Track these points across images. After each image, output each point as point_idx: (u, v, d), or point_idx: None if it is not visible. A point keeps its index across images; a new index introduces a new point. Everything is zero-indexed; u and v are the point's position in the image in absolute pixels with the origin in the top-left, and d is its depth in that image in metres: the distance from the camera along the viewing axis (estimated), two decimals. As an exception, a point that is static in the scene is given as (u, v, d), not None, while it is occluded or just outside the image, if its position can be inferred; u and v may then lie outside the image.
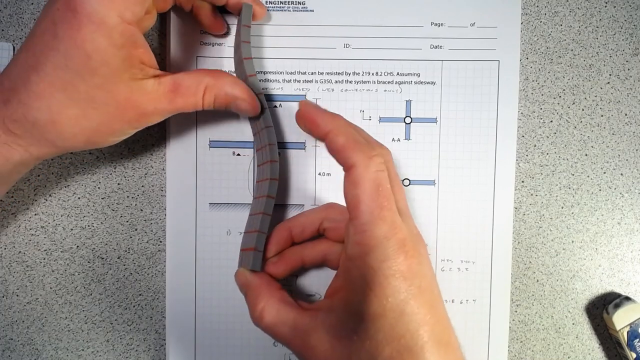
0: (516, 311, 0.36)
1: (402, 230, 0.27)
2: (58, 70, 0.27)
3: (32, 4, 0.35)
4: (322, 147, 0.35)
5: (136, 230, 0.36)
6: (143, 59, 0.28)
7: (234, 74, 0.34)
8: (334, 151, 0.29)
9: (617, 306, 0.35)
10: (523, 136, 0.36)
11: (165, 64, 0.35)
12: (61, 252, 0.36)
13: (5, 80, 0.28)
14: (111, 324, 0.36)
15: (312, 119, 0.30)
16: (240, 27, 0.32)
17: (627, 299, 0.35)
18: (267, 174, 0.31)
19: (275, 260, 0.32)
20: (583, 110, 0.36)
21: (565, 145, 0.36)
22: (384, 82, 0.35)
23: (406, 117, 0.35)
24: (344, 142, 0.28)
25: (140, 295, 0.36)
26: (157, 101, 0.29)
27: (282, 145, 0.35)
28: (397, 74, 0.35)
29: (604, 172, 0.36)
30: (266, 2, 0.35)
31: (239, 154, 0.35)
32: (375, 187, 0.27)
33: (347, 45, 0.35)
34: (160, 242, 0.36)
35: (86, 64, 0.26)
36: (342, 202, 0.29)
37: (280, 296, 0.30)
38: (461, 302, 0.35)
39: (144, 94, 0.28)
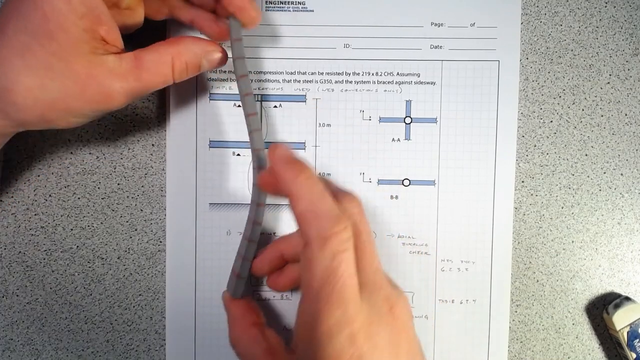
0: (516, 311, 0.36)
1: (356, 320, 0.24)
2: (18, 34, 0.26)
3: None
4: (322, 147, 0.35)
5: (136, 230, 0.36)
6: (106, 37, 0.27)
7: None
8: (294, 218, 0.26)
9: (617, 306, 0.35)
10: (523, 136, 0.36)
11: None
12: (61, 252, 0.36)
13: None
14: (111, 324, 0.36)
15: (277, 173, 0.27)
16: (231, 42, 0.30)
17: (627, 299, 0.35)
18: (254, 196, 0.31)
19: (276, 276, 0.33)
20: (583, 110, 0.36)
21: (565, 145, 0.36)
22: (384, 82, 0.35)
23: (406, 117, 0.35)
24: (301, 212, 0.25)
25: (140, 295, 0.36)
26: (123, 78, 0.27)
27: (282, 145, 0.35)
28: (397, 74, 0.35)
29: (604, 172, 0.36)
30: (266, 2, 0.35)
31: (239, 154, 0.35)
32: (327, 276, 0.24)
33: (347, 45, 0.35)
34: (160, 242, 0.36)
35: (43, 26, 0.26)
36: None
37: (251, 334, 0.30)
38: (461, 302, 0.35)
39: (106, 71, 0.27)
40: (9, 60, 0.26)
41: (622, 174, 0.36)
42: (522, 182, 0.36)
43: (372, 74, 0.35)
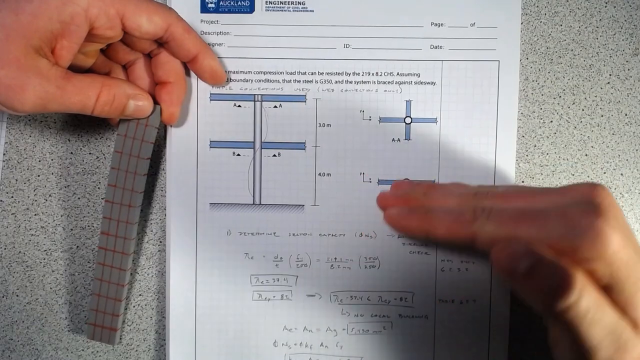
0: (516, 311, 0.36)
1: None
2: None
3: (32, 4, 0.35)
4: (322, 147, 0.35)
5: (136, 230, 0.36)
6: (58, 52, 0.28)
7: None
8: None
9: (617, 306, 0.35)
10: (523, 136, 0.36)
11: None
12: (61, 252, 0.36)
13: None
14: (111, 324, 0.36)
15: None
16: (145, 126, 0.33)
17: (627, 299, 0.35)
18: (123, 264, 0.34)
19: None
20: (583, 110, 0.36)
21: (565, 145, 0.36)
22: (384, 82, 0.35)
23: (406, 117, 0.35)
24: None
25: (140, 295, 0.36)
26: (45, 79, 0.27)
27: (282, 146, 0.35)
28: (397, 74, 0.35)
29: (604, 172, 0.36)
30: (266, 2, 0.35)
31: (239, 154, 0.35)
32: None
33: (347, 45, 0.35)
34: (160, 242, 0.36)
35: (24, 3, 0.27)
36: (341, 202, 0.29)
37: None
38: (461, 302, 0.35)
39: (33, 65, 0.27)
40: None
41: (622, 174, 0.36)
42: (522, 182, 0.36)
43: (372, 74, 0.35)
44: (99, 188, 0.36)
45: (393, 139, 0.35)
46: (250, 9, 0.35)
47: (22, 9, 0.26)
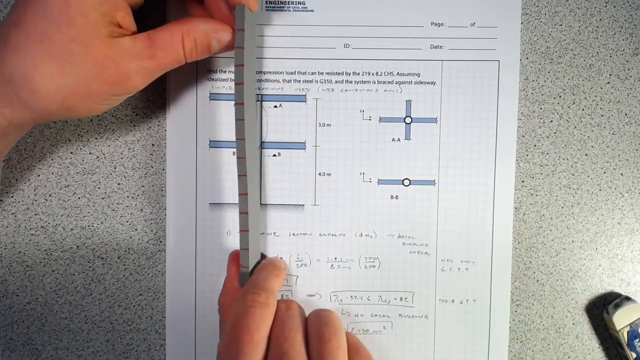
0: (516, 311, 0.36)
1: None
2: (37, 22, 0.26)
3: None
4: (322, 147, 0.35)
5: (136, 230, 0.36)
6: (122, 22, 0.28)
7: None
8: None
9: (617, 306, 0.35)
10: (523, 136, 0.36)
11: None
12: (61, 252, 0.36)
13: None
14: (111, 324, 0.36)
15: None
16: (235, 31, 0.31)
17: (627, 299, 0.35)
18: (241, 187, 0.32)
19: None
20: (583, 110, 0.36)
21: (565, 145, 0.36)
22: (384, 82, 0.35)
23: (406, 117, 0.35)
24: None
25: (140, 295, 0.36)
26: (138, 58, 0.28)
27: (282, 145, 0.35)
28: (397, 74, 0.35)
29: (604, 172, 0.36)
30: (266, 2, 0.35)
31: (239, 154, 0.35)
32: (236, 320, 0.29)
33: (347, 45, 0.35)
34: (160, 242, 0.36)
35: (64, 13, 0.26)
36: (341, 202, 0.28)
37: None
38: (461, 302, 0.35)
39: (122, 51, 0.28)
40: (26, 47, 0.27)
41: (622, 174, 0.36)
42: (522, 182, 0.36)
43: (372, 74, 0.35)
44: (99, 188, 0.36)
45: (393, 139, 0.35)
46: (250, 9, 0.35)
47: (66, 15, 0.26)
